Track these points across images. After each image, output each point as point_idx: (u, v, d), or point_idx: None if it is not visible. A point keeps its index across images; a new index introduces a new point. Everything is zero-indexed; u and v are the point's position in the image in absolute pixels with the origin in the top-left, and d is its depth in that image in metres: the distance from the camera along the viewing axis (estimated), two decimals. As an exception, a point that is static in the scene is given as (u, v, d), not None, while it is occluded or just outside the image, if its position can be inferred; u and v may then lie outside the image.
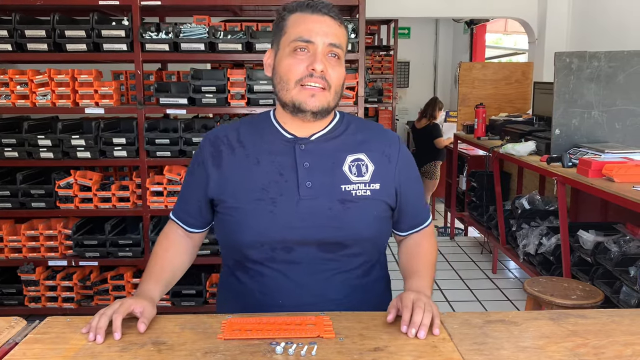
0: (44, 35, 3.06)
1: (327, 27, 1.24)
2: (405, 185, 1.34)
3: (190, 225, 1.39)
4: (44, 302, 3.35)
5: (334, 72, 1.24)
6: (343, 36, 1.27)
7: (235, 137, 1.33)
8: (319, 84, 1.22)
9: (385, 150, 1.33)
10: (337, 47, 1.24)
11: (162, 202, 3.21)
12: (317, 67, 1.21)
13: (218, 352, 1.05)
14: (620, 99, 3.33)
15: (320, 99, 1.23)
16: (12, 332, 1.13)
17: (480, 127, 4.60)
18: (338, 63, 1.26)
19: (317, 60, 1.21)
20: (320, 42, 1.22)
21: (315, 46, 1.22)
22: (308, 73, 1.22)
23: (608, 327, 1.16)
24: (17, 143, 3.20)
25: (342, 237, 1.26)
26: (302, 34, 1.23)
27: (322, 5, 1.25)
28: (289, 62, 1.23)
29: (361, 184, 1.28)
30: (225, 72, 3.18)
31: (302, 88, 1.23)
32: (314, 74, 1.21)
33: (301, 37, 1.22)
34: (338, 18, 1.27)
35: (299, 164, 1.27)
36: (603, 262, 2.87)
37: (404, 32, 8.57)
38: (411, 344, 1.09)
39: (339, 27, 1.26)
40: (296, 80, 1.23)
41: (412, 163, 1.40)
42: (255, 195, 1.25)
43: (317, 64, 1.21)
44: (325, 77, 1.23)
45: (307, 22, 1.24)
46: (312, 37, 1.22)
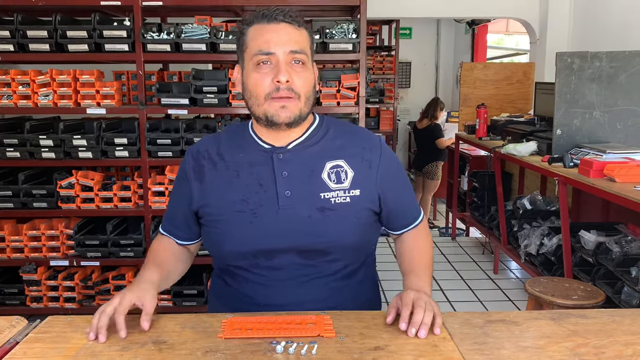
0: (46, 35, 3.06)
1: (285, 35, 1.22)
2: (389, 189, 1.33)
3: (180, 239, 1.41)
4: (45, 302, 3.36)
5: (300, 79, 1.23)
6: (304, 40, 1.25)
7: (216, 150, 1.34)
8: (287, 98, 1.22)
9: (365, 155, 1.32)
10: (299, 53, 1.22)
11: (164, 202, 3.21)
12: (282, 79, 1.20)
13: (218, 351, 1.05)
14: (621, 99, 3.33)
15: (291, 109, 1.23)
16: (13, 332, 1.13)
17: (481, 128, 4.59)
18: (303, 69, 1.24)
19: (281, 72, 1.20)
20: (281, 52, 1.21)
21: (277, 57, 1.21)
22: (275, 87, 1.21)
23: (609, 327, 1.16)
24: (19, 143, 3.21)
25: (323, 244, 1.26)
26: (261, 47, 1.21)
27: (277, 13, 1.23)
28: (255, 77, 1.23)
29: (340, 190, 1.28)
30: (226, 73, 3.18)
31: (271, 101, 1.22)
32: (280, 87, 1.21)
33: (261, 50, 1.21)
34: (296, 22, 1.24)
35: (277, 174, 1.27)
36: (604, 262, 2.86)
37: (406, 32, 8.57)
38: (411, 343, 1.09)
39: (298, 32, 1.24)
40: (265, 95, 1.22)
41: (396, 164, 1.38)
42: (235, 207, 1.27)
43: (281, 75, 1.20)
44: (292, 88, 1.22)
45: (265, 33, 1.22)
46: (271, 48, 1.21)
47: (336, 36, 3.12)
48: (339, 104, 3.17)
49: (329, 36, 3.11)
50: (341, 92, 3.15)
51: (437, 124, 5.88)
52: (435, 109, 5.85)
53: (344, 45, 3.13)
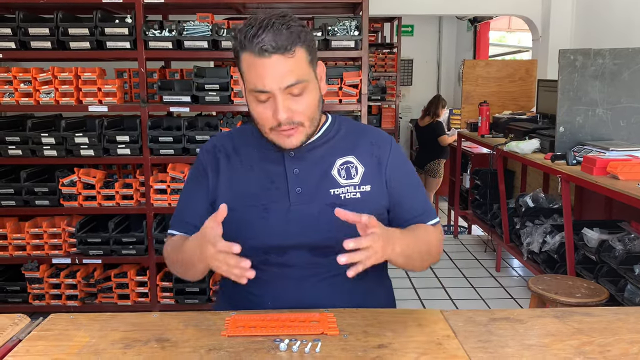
0: (48, 33, 3.06)
1: (279, 69, 1.16)
2: (397, 186, 1.31)
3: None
4: (47, 300, 3.36)
5: (301, 106, 1.20)
6: (300, 63, 1.18)
7: (231, 145, 1.35)
8: (290, 131, 1.21)
9: (374, 151, 1.32)
10: (296, 84, 1.18)
11: (166, 200, 3.21)
12: (281, 118, 1.18)
13: (222, 349, 1.05)
14: (624, 97, 3.32)
15: (298, 136, 1.23)
16: (16, 329, 1.13)
17: (484, 125, 4.58)
18: (304, 94, 1.20)
19: (279, 111, 1.17)
20: (276, 89, 1.17)
21: (273, 94, 1.17)
22: (276, 123, 1.19)
23: (614, 325, 1.16)
24: (20, 141, 3.20)
25: (334, 241, 1.23)
26: (256, 85, 1.17)
27: (266, 44, 1.14)
28: (256, 110, 1.21)
29: (350, 186, 1.28)
30: (228, 70, 3.17)
31: (277, 132, 1.22)
32: (281, 123, 1.19)
33: (256, 88, 1.18)
34: (287, 49, 1.15)
35: (289, 171, 1.28)
36: (607, 260, 2.86)
37: (407, 29, 8.56)
38: (415, 341, 1.08)
39: (292, 61, 1.16)
40: (268, 129, 1.22)
41: (406, 164, 1.37)
42: (247, 201, 1.27)
43: (279, 116, 1.17)
44: (293, 120, 1.20)
45: (257, 69, 1.16)
46: (266, 87, 1.17)
47: (338, 33, 3.11)
48: (341, 101, 3.16)
49: (331, 33, 3.10)
50: (343, 90, 3.14)
51: (439, 122, 5.87)
52: (437, 107, 5.84)
53: (346, 43, 3.12)
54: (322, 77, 1.29)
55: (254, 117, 1.24)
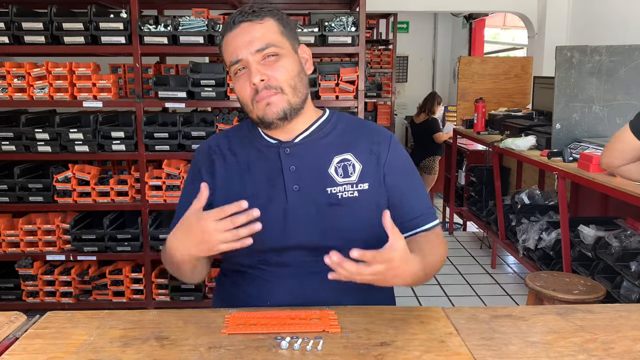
0: (42, 27, 3.02)
1: (248, 35, 1.20)
2: (396, 183, 1.28)
3: None
4: (42, 297, 3.33)
5: (276, 72, 1.20)
6: (270, 31, 1.21)
7: (227, 145, 1.33)
8: (268, 96, 1.21)
9: (373, 148, 1.29)
10: (267, 48, 1.20)
11: (161, 197, 3.18)
12: (255, 80, 1.19)
13: (222, 347, 1.03)
14: (621, 94, 3.32)
15: (277, 103, 1.21)
16: (12, 327, 1.11)
17: (479, 122, 4.58)
18: (278, 59, 1.21)
19: (252, 74, 1.19)
20: (247, 54, 1.19)
21: (246, 61, 1.20)
22: (253, 90, 1.20)
23: (616, 322, 1.15)
24: (14, 137, 3.17)
25: (331, 240, 1.22)
26: (231, 57, 1.22)
27: (237, 16, 1.22)
28: (237, 87, 1.23)
29: (347, 185, 1.25)
30: (224, 66, 3.13)
31: (257, 103, 1.22)
32: (257, 89, 1.20)
33: (231, 61, 1.22)
34: (255, 16, 1.21)
35: (285, 168, 1.26)
36: (604, 257, 2.86)
37: (403, 26, 8.55)
38: (418, 339, 1.07)
39: (259, 26, 1.21)
40: (250, 101, 1.22)
41: (406, 161, 1.33)
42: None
43: (253, 78, 1.19)
44: (270, 85, 1.20)
45: (231, 41, 1.22)
46: (238, 55, 1.20)
47: (335, 29, 3.09)
48: (337, 97, 3.15)
49: (327, 29, 3.08)
50: (340, 86, 3.13)
51: (435, 119, 5.87)
52: (433, 104, 5.85)
53: (343, 39, 3.10)
54: (307, 59, 1.30)
55: (239, 99, 1.25)
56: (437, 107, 5.92)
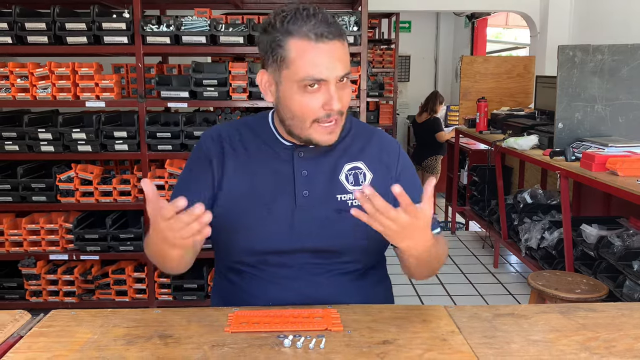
0: (44, 27, 3.03)
1: (337, 57, 1.11)
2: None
3: None
4: (45, 296, 3.34)
5: (345, 98, 1.16)
6: (348, 54, 1.16)
7: (238, 138, 1.29)
8: (334, 122, 1.17)
9: (383, 158, 1.30)
10: (347, 75, 1.14)
11: (164, 196, 3.18)
12: (336, 107, 1.13)
13: (225, 345, 1.04)
14: (623, 93, 3.32)
15: (337, 131, 1.19)
16: (17, 326, 1.12)
17: (482, 121, 4.58)
18: (347, 85, 1.17)
19: (334, 100, 1.12)
20: (333, 78, 1.11)
21: (329, 83, 1.12)
22: (325, 113, 1.14)
23: (618, 321, 1.15)
24: (17, 136, 3.18)
25: (337, 246, 1.24)
26: (311, 73, 1.10)
27: (325, 28, 1.09)
28: (302, 101, 1.14)
29: None
30: (226, 65, 3.16)
31: (318, 125, 1.16)
32: (331, 114, 1.14)
33: (311, 77, 1.11)
34: (343, 35, 1.13)
35: (297, 172, 1.25)
36: (606, 256, 2.86)
37: (405, 26, 8.54)
38: (420, 337, 1.08)
39: (344, 48, 1.14)
40: (311, 120, 1.16)
41: (412, 169, 1.36)
42: (250, 200, 1.23)
43: (334, 105, 1.12)
44: (341, 110, 1.16)
45: (314, 55, 1.10)
46: (322, 74, 1.10)
47: (337, 29, 3.09)
48: (340, 97, 3.15)
49: (330, 29, 3.08)
50: (342, 85, 3.13)
51: (437, 118, 5.87)
52: (435, 103, 5.85)
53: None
54: None
55: (293, 111, 1.16)
56: (439, 106, 5.92)
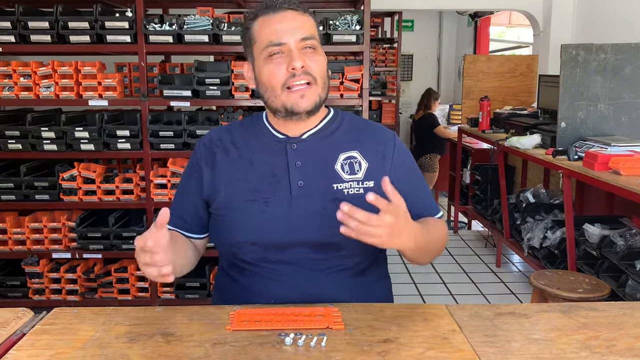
0: (47, 26, 3.03)
1: (293, 22, 1.22)
2: (402, 181, 1.29)
3: (188, 230, 1.34)
4: (48, 295, 3.35)
5: (314, 63, 1.22)
6: (311, 25, 1.25)
7: (229, 139, 1.33)
8: (304, 80, 1.21)
9: (379, 147, 1.31)
10: (310, 39, 1.23)
11: (166, 195, 3.20)
12: (297, 65, 1.19)
13: (227, 343, 1.04)
14: (626, 92, 3.31)
15: (310, 96, 1.22)
16: (20, 323, 1.12)
17: (484, 120, 4.57)
18: (315, 52, 1.24)
19: (295, 58, 1.19)
20: (292, 40, 1.21)
21: (288, 46, 1.20)
22: (290, 74, 1.20)
23: (619, 320, 1.15)
24: (20, 135, 3.19)
25: (336, 237, 1.21)
26: (271, 38, 1.21)
27: (280, 2, 1.23)
28: (269, 69, 1.22)
29: (354, 182, 1.26)
30: (229, 64, 3.16)
31: (289, 92, 1.22)
32: (295, 73, 1.20)
33: (271, 42, 1.21)
34: (300, 8, 1.25)
35: (291, 164, 1.26)
36: (609, 255, 2.85)
37: (408, 24, 8.53)
38: (421, 335, 1.08)
39: (305, 18, 1.24)
40: (281, 85, 1.21)
41: (410, 159, 1.37)
42: (247, 195, 1.25)
43: (295, 62, 1.19)
44: (308, 72, 1.21)
45: (272, 23, 1.22)
46: (281, 38, 1.20)
47: (339, 27, 3.09)
48: (342, 96, 3.15)
49: (332, 27, 3.08)
50: (344, 84, 3.13)
51: (432, 114, 5.91)
52: (429, 99, 5.90)
53: (348, 37, 3.10)
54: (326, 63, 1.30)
55: (264, 82, 1.24)
56: (434, 102, 5.95)
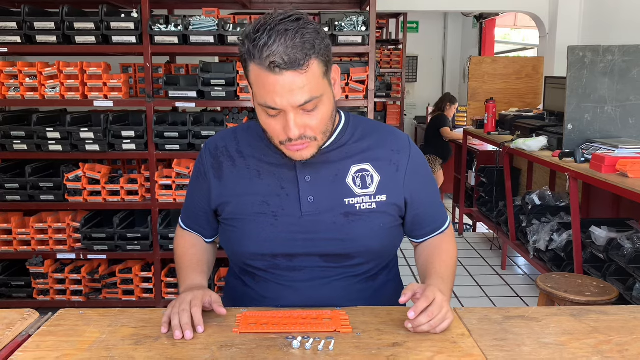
0: (53, 27, 3.04)
1: (291, 86, 1.05)
2: (416, 193, 1.28)
3: (207, 236, 1.39)
4: (52, 295, 3.35)
5: (314, 121, 1.12)
6: (314, 78, 1.08)
7: (235, 147, 1.28)
8: (302, 145, 1.14)
9: (393, 158, 1.26)
10: (311, 101, 1.09)
11: (171, 196, 3.19)
12: (293, 135, 1.10)
13: (234, 346, 1.03)
14: (634, 94, 3.29)
15: (308, 151, 1.15)
16: (25, 324, 1.12)
17: (490, 122, 4.56)
18: (317, 109, 1.12)
19: (290, 129, 1.09)
20: (288, 107, 1.08)
21: (285, 112, 1.09)
22: (286, 138, 1.12)
23: (631, 324, 1.14)
24: (26, 135, 3.19)
25: (347, 249, 1.22)
26: (267, 101, 1.08)
27: (277, 56, 1.03)
28: (266, 122, 1.14)
29: (366, 196, 1.22)
30: (234, 65, 3.16)
31: (286, 147, 1.15)
32: (292, 139, 1.12)
33: (267, 105, 1.09)
34: (300, 65, 1.05)
35: (300, 178, 1.22)
36: (616, 258, 2.83)
37: (413, 26, 8.52)
38: (430, 339, 1.07)
39: (304, 77, 1.06)
40: (278, 142, 1.15)
41: (425, 168, 1.33)
42: (256, 208, 1.23)
43: (291, 133, 1.10)
44: (305, 135, 1.12)
45: (267, 85, 1.06)
46: (277, 105, 1.07)
47: (345, 29, 3.08)
48: (347, 97, 3.14)
49: (338, 29, 3.08)
50: (350, 86, 3.12)
51: (443, 114, 5.92)
52: (445, 103, 5.97)
53: (353, 38, 3.09)
54: (336, 81, 1.19)
55: (264, 129, 1.17)
56: (448, 105, 5.96)
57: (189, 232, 1.39)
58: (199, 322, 1.08)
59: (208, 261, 1.37)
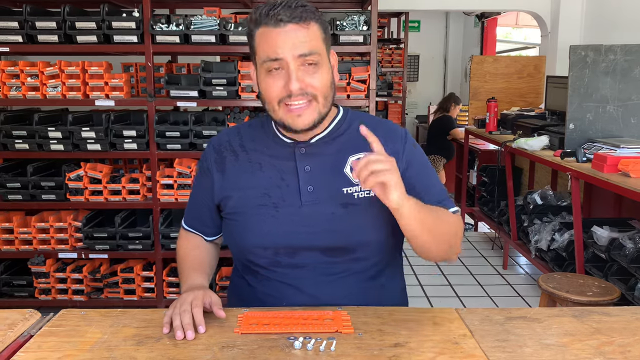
0: (55, 26, 3.04)
1: (294, 37, 1.14)
2: (415, 177, 1.27)
3: (208, 235, 1.40)
4: (54, 294, 3.35)
5: (315, 80, 1.17)
6: (315, 37, 1.17)
7: (238, 142, 1.32)
8: (302, 101, 1.17)
9: (388, 145, 1.24)
10: (310, 55, 1.15)
11: (173, 195, 3.19)
12: (293, 88, 1.14)
13: (235, 347, 1.03)
14: (636, 94, 3.28)
15: (308, 115, 1.18)
16: (27, 325, 1.12)
17: (491, 122, 4.55)
18: (317, 68, 1.17)
19: (291, 80, 1.14)
20: (290, 57, 1.14)
21: (286, 62, 1.14)
22: (286, 93, 1.16)
23: (633, 325, 1.14)
24: (27, 135, 3.19)
25: (347, 241, 1.23)
26: (268, 54, 1.15)
27: (282, 13, 1.14)
28: (266, 83, 1.18)
29: None
30: (235, 65, 3.15)
31: (286, 108, 1.17)
32: (292, 94, 1.15)
33: (268, 57, 1.15)
34: (302, 19, 1.15)
35: (300, 168, 1.25)
36: (617, 258, 2.83)
37: (414, 25, 8.52)
38: (431, 340, 1.06)
39: (306, 31, 1.15)
40: (278, 101, 1.18)
41: (421, 155, 1.33)
42: (257, 200, 1.25)
43: (292, 84, 1.14)
44: (306, 91, 1.16)
45: (271, 38, 1.15)
46: (279, 54, 1.14)
47: (347, 28, 3.08)
48: (349, 96, 3.14)
49: (339, 28, 3.07)
50: (351, 85, 3.12)
51: (447, 116, 5.90)
52: (449, 103, 5.94)
53: (355, 37, 3.09)
54: (334, 65, 1.25)
55: (263, 93, 1.20)
56: (452, 105, 5.95)
57: (192, 233, 1.40)
58: (200, 322, 1.09)
59: (210, 263, 1.38)
